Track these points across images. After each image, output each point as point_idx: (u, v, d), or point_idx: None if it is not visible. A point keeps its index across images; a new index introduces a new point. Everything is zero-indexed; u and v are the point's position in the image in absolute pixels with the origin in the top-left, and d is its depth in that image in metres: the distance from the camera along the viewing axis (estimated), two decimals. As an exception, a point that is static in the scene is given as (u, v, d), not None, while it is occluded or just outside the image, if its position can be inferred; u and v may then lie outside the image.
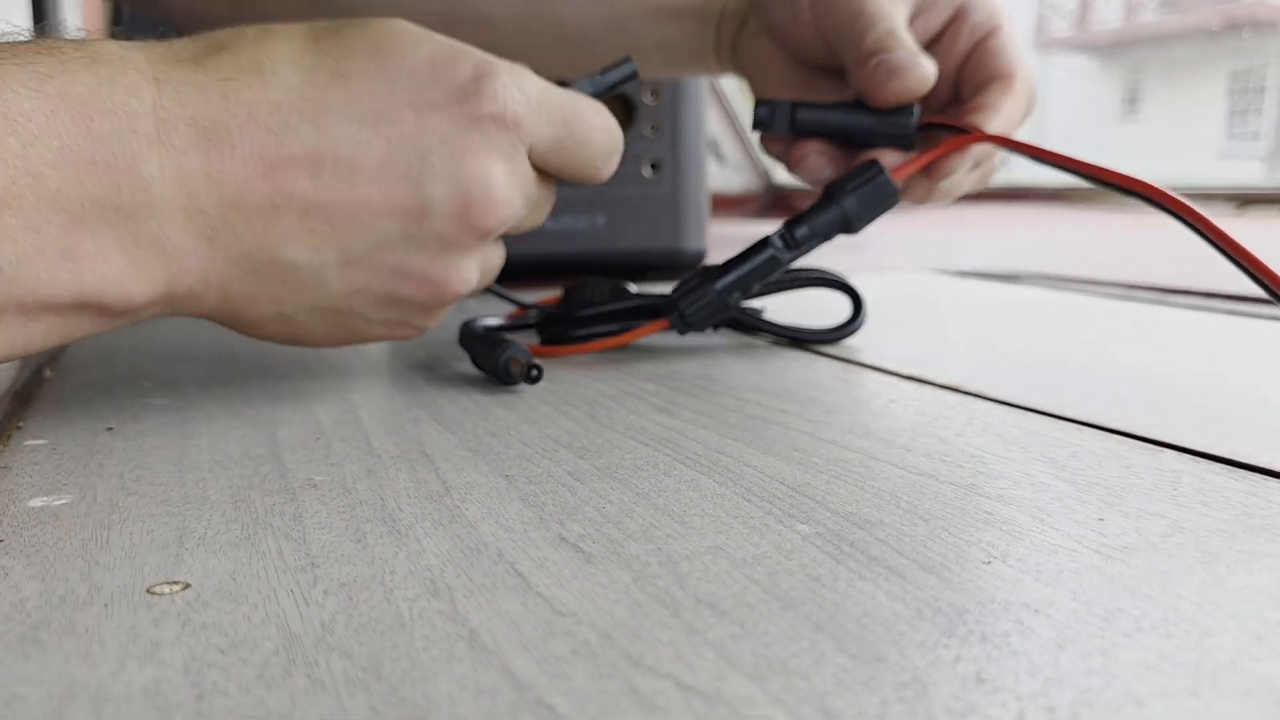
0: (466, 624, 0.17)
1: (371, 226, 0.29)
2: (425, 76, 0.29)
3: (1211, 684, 0.15)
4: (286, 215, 0.28)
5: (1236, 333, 0.47)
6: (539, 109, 0.30)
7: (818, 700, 0.14)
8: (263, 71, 0.27)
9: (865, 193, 0.37)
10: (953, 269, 0.77)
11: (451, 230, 0.29)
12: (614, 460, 0.26)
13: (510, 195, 0.30)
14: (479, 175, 0.29)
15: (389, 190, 0.28)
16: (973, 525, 0.21)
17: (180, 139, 0.26)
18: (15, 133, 0.24)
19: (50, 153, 0.24)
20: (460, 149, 0.29)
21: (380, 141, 0.28)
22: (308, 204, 0.28)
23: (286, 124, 0.27)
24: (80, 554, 0.20)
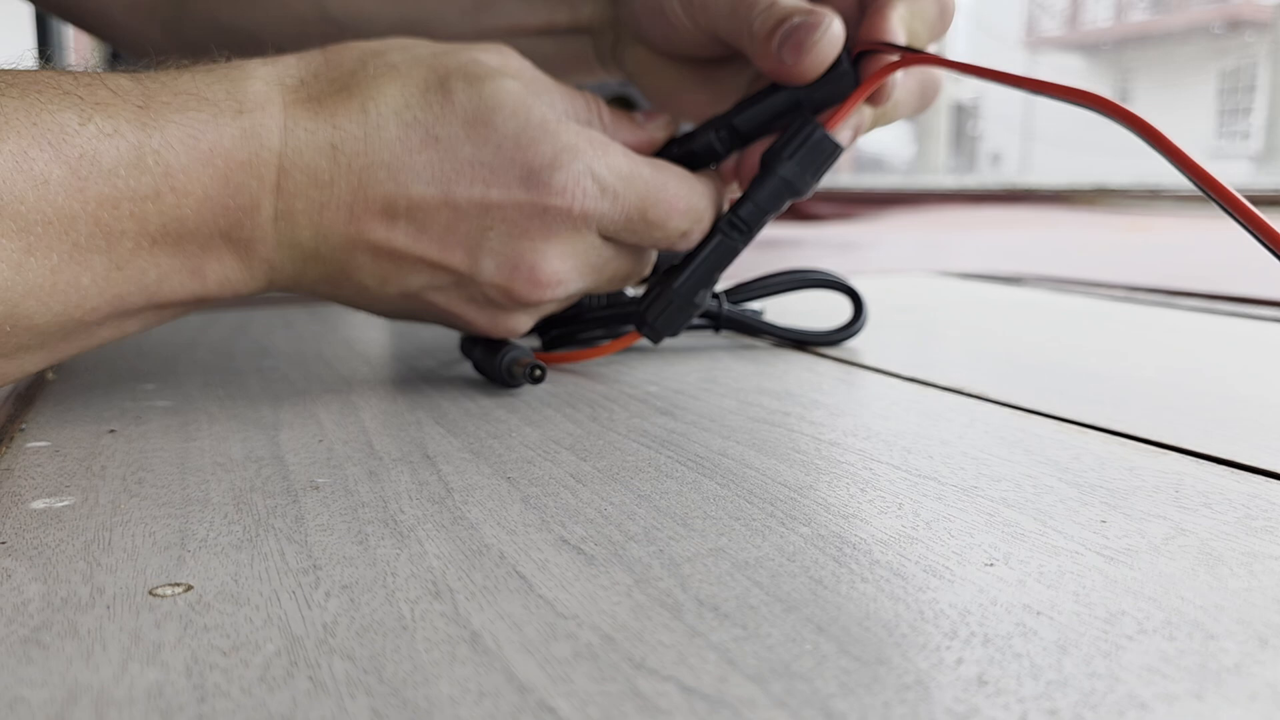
0: (468, 626, 0.17)
1: (428, 275, 0.32)
2: (506, 155, 0.31)
3: (1215, 687, 0.15)
4: (361, 253, 0.32)
5: (1239, 335, 0.47)
6: (613, 198, 0.32)
7: (820, 702, 0.14)
8: (367, 123, 0.31)
9: (803, 154, 0.34)
10: (954, 271, 0.77)
11: (497, 296, 0.33)
12: (616, 462, 0.26)
13: (560, 277, 0.33)
14: (528, 259, 0.32)
15: (447, 252, 0.32)
16: (975, 527, 0.21)
17: (293, 186, 0.30)
18: (173, 188, 0.28)
19: (195, 201, 0.29)
20: (517, 233, 0.32)
21: (448, 210, 0.31)
22: (379, 247, 0.32)
23: (375, 178, 0.31)
24: (82, 556, 0.20)
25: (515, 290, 0.32)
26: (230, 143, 0.29)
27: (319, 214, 0.31)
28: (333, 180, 0.31)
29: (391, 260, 0.32)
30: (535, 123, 0.31)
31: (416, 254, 0.32)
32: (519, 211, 0.31)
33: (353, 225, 0.31)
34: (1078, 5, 8.77)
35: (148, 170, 0.28)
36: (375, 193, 0.31)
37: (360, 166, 0.31)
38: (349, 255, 0.32)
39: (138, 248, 0.28)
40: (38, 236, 0.26)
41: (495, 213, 0.31)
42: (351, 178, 0.31)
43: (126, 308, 0.29)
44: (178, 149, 0.28)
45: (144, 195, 0.28)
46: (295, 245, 0.31)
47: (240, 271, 0.31)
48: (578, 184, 0.31)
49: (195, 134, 0.28)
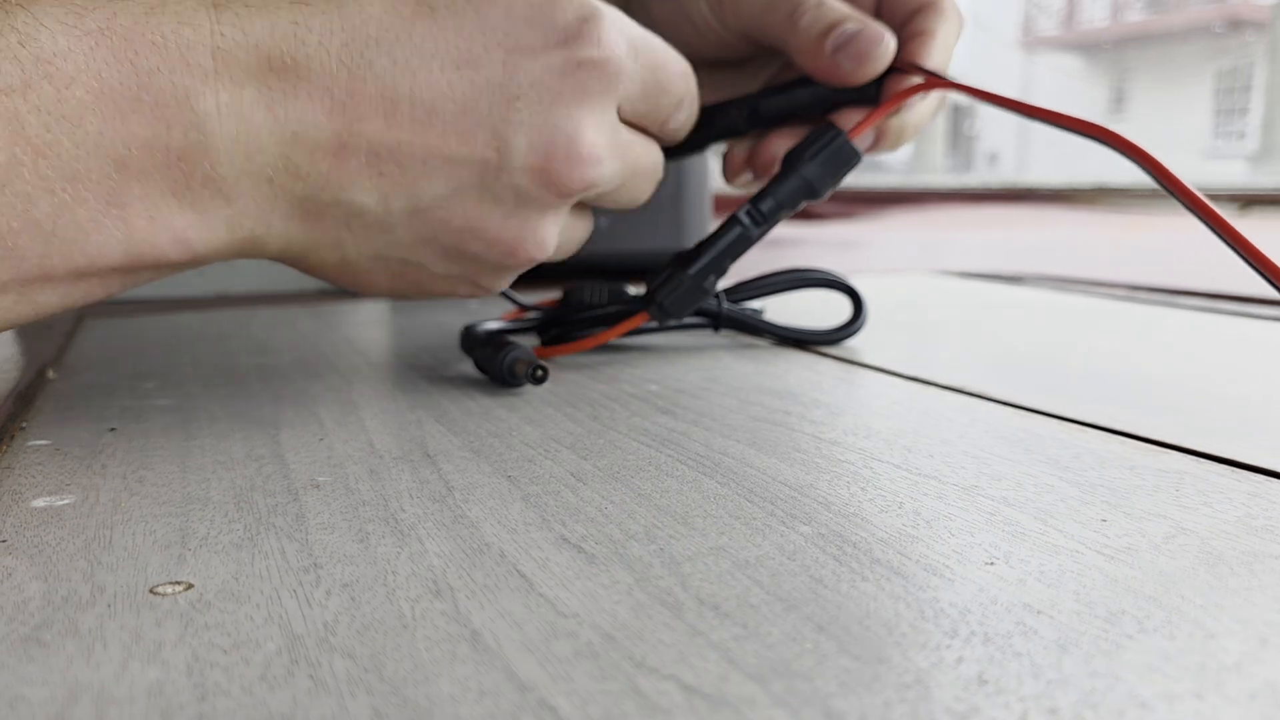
0: (469, 625, 0.17)
1: (444, 175, 0.27)
2: (522, 16, 0.27)
3: (1216, 686, 0.15)
4: (354, 156, 0.26)
5: (1240, 334, 0.47)
6: (635, 55, 0.29)
7: (820, 701, 0.14)
8: None
9: (825, 157, 0.35)
10: (955, 270, 0.77)
11: (530, 185, 0.27)
12: (616, 461, 0.26)
13: (598, 152, 0.28)
14: (566, 126, 0.27)
15: (467, 137, 0.26)
16: (975, 526, 0.21)
17: (239, 70, 0.24)
18: (50, 76, 0.22)
19: (89, 94, 0.23)
20: (551, 96, 0.27)
21: (464, 84, 0.26)
22: (378, 145, 0.26)
23: (362, 57, 0.25)
24: (83, 554, 0.20)
25: (553, 170, 0.27)
26: (130, 20, 0.23)
27: (284, 107, 0.25)
28: (298, 64, 0.25)
29: (396, 164, 0.26)
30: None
31: (429, 146, 0.26)
32: (550, 72, 0.27)
33: (338, 119, 0.25)
34: (1074, 5, 8.78)
35: (7, 55, 0.22)
36: (366, 76, 0.25)
37: (339, 47, 0.25)
38: (336, 163, 0.26)
39: (14, 163, 0.22)
40: None
41: (521, 77, 0.26)
42: (327, 60, 0.25)
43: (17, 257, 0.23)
44: (52, 28, 0.22)
45: (7, 87, 0.22)
46: (255, 154, 0.25)
47: (189, 216, 0.25)
48: (608, 34, 0.27)
49: (78, 9, 0.23)
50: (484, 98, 0.26)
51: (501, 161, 0.27)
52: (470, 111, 0.26)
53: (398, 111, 0.26)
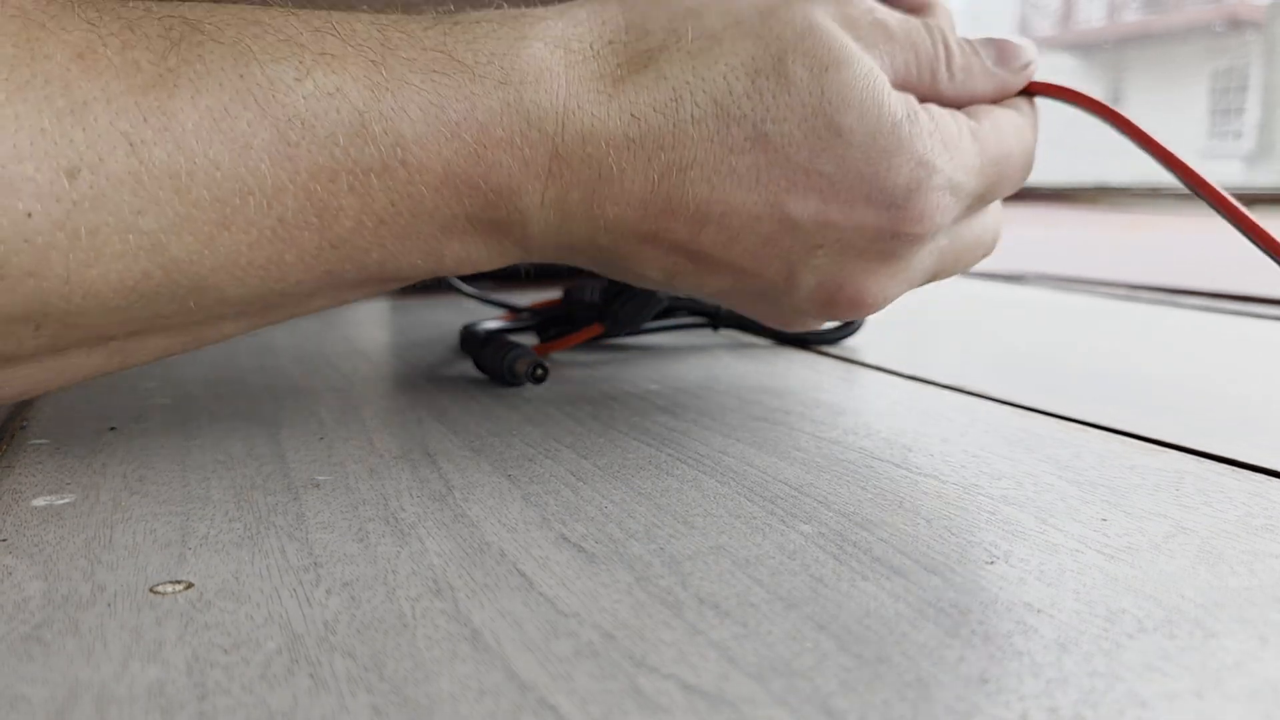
0: (469, 624, 0.17)
1: (730, 280, 0.28)
2: (853, 169, 0.26)
3: (1216, 685, 0.15)
4: (652, 248, 0.27)
5: (1241, 333, 0.47)
6: (967, 197, 0.28)
7: (821, 700, 0.14)
8: (679, 113, 0.25)
9: None
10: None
11: (809, 309, 0.29)
12: (616, 460, 0.26)
13: (887, 295, 0.28)
14: (856, 282, 0.28)
15: (762, 264, 0.27)
16: (975, 525, 0.21)
17: (571, 175, 0.26)
18: (405, 162, 0.24)
19: (434, 178, 0.24)
20: (852, 254, 0.27)
21: (772, 222, 0.26)
22: (679, 245, 0.27)
23: (681, 178, 0.26)
24: (83, 553, 0.20)
25: (833, 312, 0.29)
26: (486, 116, 0.24)
27: (601, 208, 0.26)
28: (623, 175, 0.26)
29: (690, 260, 0.27)
30: (887, 129, 0.26)
31: (724, 261, 0.27)
32: (861, 235, 0.27)
33: (646, 224, 0.26)
34: (1070, 5, 8.79)
35: (373, 140, 0.23)
36: (681, 194, 0.26)
37: (664, 164, 0.26)
38: (634, 249, 0.27)
39: (359, 227, 0.24)
40: (234, 209, 0.22)
41: (830, 231, 0.27)
42: (651, 174, 0.26)
43: (341, 282, 0.26)
44: (414, 117, 0.24)
45: (367, 168, 0.24)
46: (564, 234, 0.27)
47: (486, 251, 0.27)
48: (937, 205, 0.27)
49: (439, 102, 0.24)
50: (788, 238, 0.27)
51: (787, 289, 0.28)
52: (772, 245, 0.27)
53: (704, 230, 0.27)
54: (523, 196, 0.25)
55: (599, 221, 0.26)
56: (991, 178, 0.28)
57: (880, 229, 0.27)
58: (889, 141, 0.26)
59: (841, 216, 0.26)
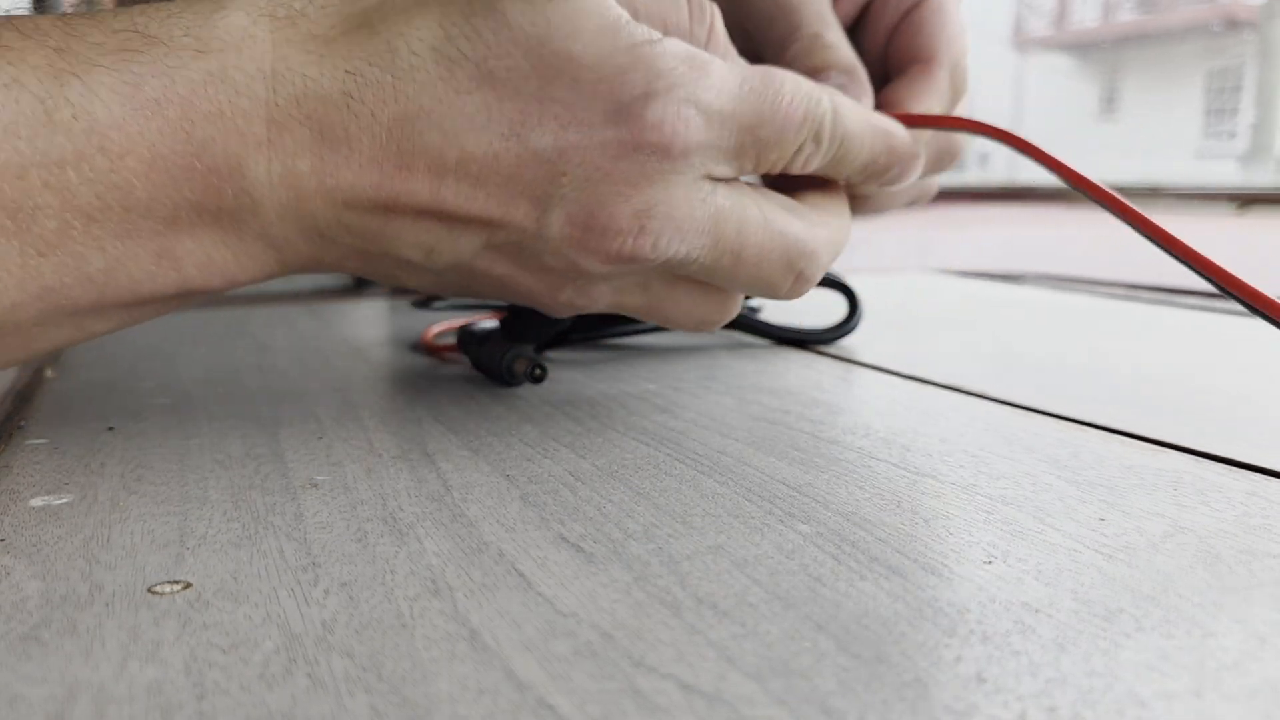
0: (467, 624, 0.17)
1: (484, 234, 0.27)
2: (586, 90, 0.25)
3: (1214, 685, 0.15)
4: (400, 217, 0.26)
5: (1238, 333, 0.47)
6: (720, 124, 0.26)
7: (819, 700, 0.14)
8: (396, 63, 0.25)
9: None
10: (953, 269, 0.77)
11: (567, 252, 0.27)
12: (615, 460, 0.26)
13: (645, 222, 0.26)
14: (607, 207, 0.26)
15: (508, 207, 0.26)
16: (973, 525, 0.21)
17: (293, 141, 0.24)
18: (103, 148, 0.22)
19: (141, 163, 0.23)
20: (598, 177, 0.26)
21: (511, 155, 0.25)
22: (423, 206, 0.26)
23: (413, 129, 0.25)
24: (81, 553, 0.20)
25: (589, 241, 0.26)
26: (188, 89, 0.23)
27: (334, 176, 0.25)
28: (350, 135, 0.25)
29: (440, 222, 0.26)
30: (623, 49, 0.25)
31: (470, 212, 0.26)
32: (602, 152, 0.25)
33: (385, 187, 0.25)
34: (1066, 5, 8.79)
35: (62, 128, 0.22)
36: (413, 146, 0.25)
37: (390, 117, 0.25)
38: (383, 223, 0.26)
39: (65, 227, 0.23)
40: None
41: (572, 155, 0.25)
42: (378, 131, 0.25)
43: (71, 305, 0.24)
44: (106, 100, 0.22)
45: (60, 160, 0.22)
46: (305, 216, 0.25)
47: (231, 253, 0.25)
48: (678, 115, 0.25)
49: (133, 80, 0.23)
50: (529, 170, 0.26)
51: (539, 231, 0.26)
52: (515, 181, 0.26)
53: (444, 181, 0.26)
54: (246, 172, 0.24)
55: (335, 194, 0.25)
56: (751, 113, 0.27)
57: (621, 142, 0.25)
58: (625, 60, 0.25)
59: (580, 137, 0.25)
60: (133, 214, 0.23)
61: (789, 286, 0.29)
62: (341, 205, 0.25)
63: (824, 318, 0.44)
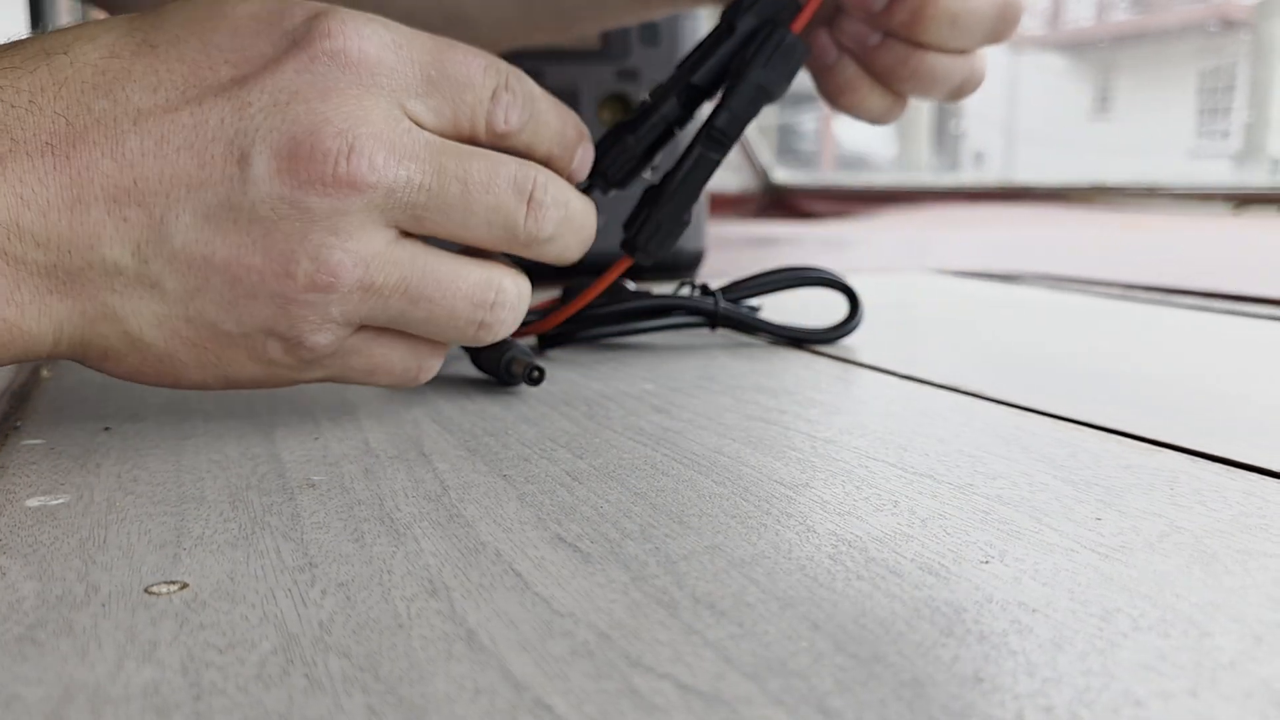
0: (464, 624, 0.17)
1: (189, 204, 0.24)
2: (248, 31, 0.25)
3: (1211, 684, 0.15)
4: (91, 207, 0.23)
5: (1235, 333, 0.47)
6: (397, 47, 0.26)
7: (817, 700, 0.14)
8: (51, 55, 0.24)
9: (777, 58, 0.34)
10: (951, 269, 0.77)
11: (282, 192, 0.24)
12: (612, 460, 0.26)
13: (353, 141, 0.24)
14: (306, 120, 0.24)
15: (203, 156, 0.24)
16: (970, 525, 0.21)
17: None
18: None
19: None
20: (288, 95, 0.24)
21: (190, 105, 0.24)
22: (113, 189, 0.23)
23: (79, 103, 0.23)
24: (78, 554, 0.20)
25: (299, 167, 0.24)
26: None
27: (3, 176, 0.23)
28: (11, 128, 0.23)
29: (137, 204, 0.24)
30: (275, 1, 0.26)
31: (164, 177, 0.24)
32: (280, 73, 0.24)
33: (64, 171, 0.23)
34: (1059, 4, 8.82)
35: None
36: (85, 119, 0.23)
37: (52, 99, 0.23)
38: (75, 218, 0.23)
39: None
40: None
41: (251, 84, 0.24)
42: (40, 116, 0.23)
43: None
44: None
45: None
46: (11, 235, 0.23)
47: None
48: (346, 27, 0.25)
49: None
50: (214, 112, 0.24)
51: (243, 174, 0.24)
52: (201, 129, 0.24)
53: (126, 149, 0.24)
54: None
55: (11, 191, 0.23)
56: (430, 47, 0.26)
57: (297, 58, 0.25)
58: (278, 5, 0.25)
59: (254, 69, 0.25)
60: None
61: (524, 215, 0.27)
62: (20, 205, 0.23)
63: (824, 318, 0.44)
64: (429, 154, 0.26)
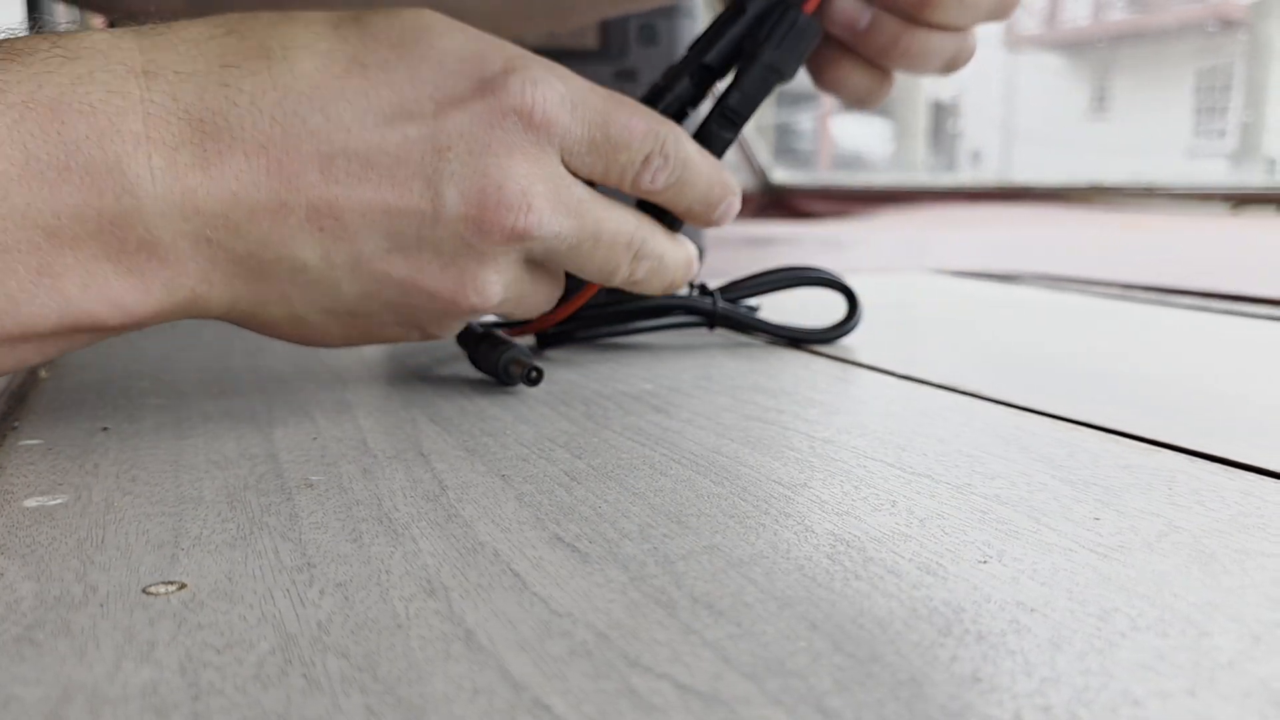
0: (463, 624, 0.17)
1: (383, 227, 0.27)
2: (451, 69, 0.27)
3: (1209, 684, 0.15)
4: (293, 213, 0.26)
5: (1233, 333, 0.47)
6: (572, 107, 0.28)
7: (815, 700, 0.14)
8: (271, 57, 0.26)
9: (789, 39, 0.34)
10: (950, 269, 0.77)
11: (466, 234, 0.27)
12: (610, 460, 0.26)
13: (531, 200, 0.28)
14: (495, 175, 0.27)
15: (402, 189, 0.27)
16: (969, 525, 0.21)
17: (172, 134, 0.24)
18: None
19: (14, 166, 0.23)
20: (480, 147, 0.27)
21: (396, 137, 0.27)
22: (316, 201, 0.26)
23: (296, 114, 0.26)
24: (76, 554, 0.20)
25: (487, 217, 0.27)
26: (56, 90, 0.23)
27: (219, 168, 0.25)
28: (231, 123, 0.25)
29: (335, 218, 0.26)
30: (474, 37, 0.28)
31: (366, 199, 0.26)
32: (476, 122, 0.27)
33: (276, 177, 0.25)
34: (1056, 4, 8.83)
35: None
36: (299, 129, 0.25)
37: (272, 102, 0.25)
38: (276, 220, 0.26)
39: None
40: None
41: (451, 129, 0.27)
42: (260, 119, 0.25)
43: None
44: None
45: None
46: (191, 216, 0.25)
47: (126, 281, 0.25)
48: (535, 87, 0.28)
49: (4, 82, 0.23)
50: (416, 149, 0.27)
51: (436, 212, 0.27)
52: (404, 164, 0.27)
53: (334, 166, 0.26)
54: (125, 169, 0.24)
55: (224, 186, 0.25)
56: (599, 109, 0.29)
57: (490, 109, 0.27)
58: (481, 45, 0.28)
59: (455, 111, 0.27)
60: (9, 223, 0.23)
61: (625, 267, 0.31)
62: (231, 200, 0.25)
63: (823, 318, 0.44)
64: (581, 210, 0.29)
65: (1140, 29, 8.20)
